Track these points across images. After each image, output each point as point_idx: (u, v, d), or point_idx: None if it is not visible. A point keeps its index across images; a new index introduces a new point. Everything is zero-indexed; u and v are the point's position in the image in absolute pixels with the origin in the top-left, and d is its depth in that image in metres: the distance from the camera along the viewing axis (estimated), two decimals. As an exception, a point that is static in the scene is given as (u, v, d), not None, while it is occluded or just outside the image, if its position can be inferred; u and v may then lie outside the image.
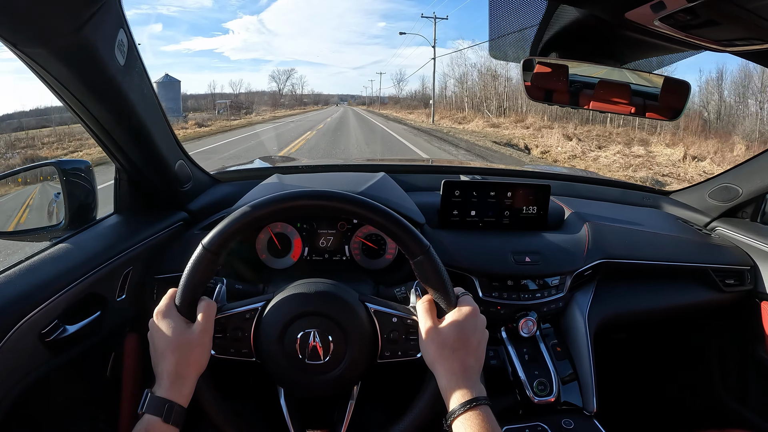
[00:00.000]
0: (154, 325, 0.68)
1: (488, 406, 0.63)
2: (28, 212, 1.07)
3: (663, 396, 1.56)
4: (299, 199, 0.69)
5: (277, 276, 1.03)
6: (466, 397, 0.63)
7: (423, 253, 0.69)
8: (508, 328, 1.08)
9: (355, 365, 0.72)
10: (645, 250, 1.22)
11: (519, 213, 1.21)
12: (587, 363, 1.04)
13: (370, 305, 0.73)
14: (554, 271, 1.08)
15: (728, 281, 1.27)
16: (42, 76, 0.71)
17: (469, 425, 0.61)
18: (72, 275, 0.80)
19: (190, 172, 1.16)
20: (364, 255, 1.12)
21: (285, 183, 1.19)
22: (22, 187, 1.06)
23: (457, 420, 0.62)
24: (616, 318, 1.17)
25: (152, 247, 0.99)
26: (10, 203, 1.06)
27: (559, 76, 0.91)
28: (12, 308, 0.69)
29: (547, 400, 0.99)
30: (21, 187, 1.06)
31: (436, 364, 0.67)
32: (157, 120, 0.94)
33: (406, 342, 0.72)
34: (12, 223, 1.04)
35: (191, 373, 0.67)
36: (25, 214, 1.07)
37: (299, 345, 0.70)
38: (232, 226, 0.68)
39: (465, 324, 0.68)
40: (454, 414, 0.62)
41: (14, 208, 1.06)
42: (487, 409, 0.63)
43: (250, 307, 0.73)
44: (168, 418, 0.63)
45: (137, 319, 0.98)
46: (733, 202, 1.41)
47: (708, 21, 0.71)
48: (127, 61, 0.77)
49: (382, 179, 1.22)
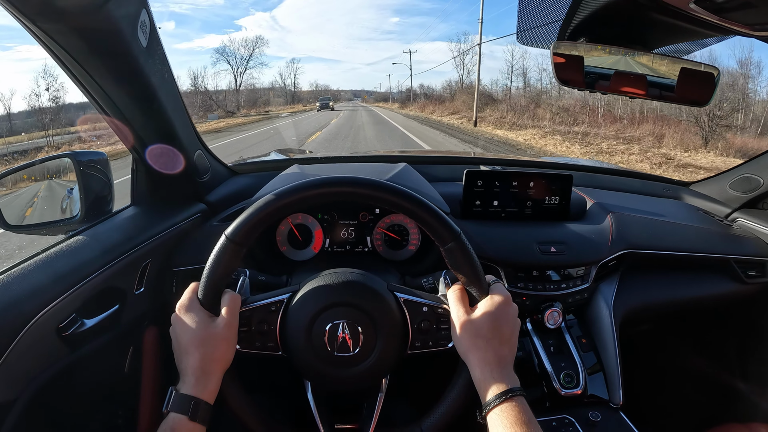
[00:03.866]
0: (177, 320, 0.66)
1: (524, 397, 0.62)
2: (43, 205, 1.06)
3: (685, 388, 1.55)
4: (323, 187, 0.67)
5: (298, 268, 1.01)
6: (501, 388, 0.61)
7: (454, 239, 0.67)
8: (533, 320, 1.06)
9: (385, 357, 0.70)
10: (668, 241, 1.21)
11: (541, 203, 1.19)
12: (613, 355, 1.03)
13: (399, 294, 0.71)
14: (580, 261, 1.07)
15: (750, 272, 1.25)
16: (60, 57, 0.69)
17: (506, 417, 0.59)
18: (89, 268, 0.78)
19: (208, 163, 1.14)
20: (386, 246, 1.11)
21: (306, 173, 1.17)
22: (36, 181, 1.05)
23: (493, 412, 0.60)
24: (640, 309, 1.15)
25: (170, 238, 0.98)
26: (25, 197, 1.04)
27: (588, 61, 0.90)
28: (28, 302, 0.68)
29: (574, 393, 0.97)
30: (35, 181, 1.05)
31: (469, 354, 0.66)
32: (177, 108, 0.93)
33: (437, 332, 0.71)
34: (26, 216, 1.03)
35: (217, 368, 0.65)
36: (39, 207, 1.05)
37: (328, 337, 0.68)
38: (256, 216, 0.66)
39: (498, 312, 0.66)
40: (490, 405, 0.61)
41: (28, 201, 1.04)
42: (523, 400, 0.61)
43: (276, 299, 0.71)
44: (194, 416, 0.61)
45: (156, 312, 0.97)
46: (754, 192, 1.38)
47: (744, 3, 0.69)
48: (149, 44, 0.75)
49: (405, 169, 1.20)
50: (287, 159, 1.51)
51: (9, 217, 0.91)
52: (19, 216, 1.03)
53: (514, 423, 0.58)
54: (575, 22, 0.86)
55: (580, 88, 0.92)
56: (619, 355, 1.03)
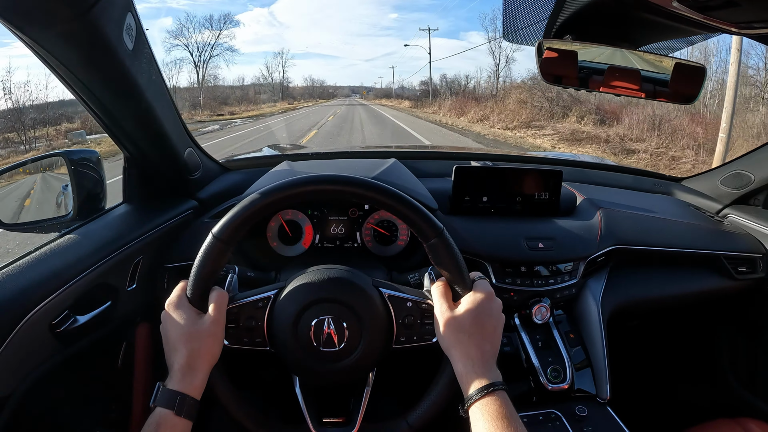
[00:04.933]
0: (166, 317, 0.68)
1: (505, 392, 0.63)
2: (35, 204, 1.07)
3: (674, 384, 1.56)
4: (308, 185, 0.68)
5: (288, 264, 1.02)
6: (482, 383, 0.62)
7: (437, 235, 0.68)
8: (521, 315, 1.07)
9: (370, 352, 0.71)
10: (657, 237, 1.21)
11: (531, 199, 1.19)
12: (600, 350, 1.03)
13: (384, 290, 0.72)
14: (568, 257, 1.07)
15: (740, 269, 1.26)
16: (48, 62, 0.70)
17: (487, 411, 0.60)
18: (81, 265, 0.79)
19: (200, 160, 1.15)
20: (376, 242, 1.12)
21: (295, 170, 1.18)
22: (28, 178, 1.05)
23: (474, 405, 0.61)
24: (628, 305, 1.16)
25: (162, 235, 0.98)
26: (17, 195, 1.05)
27: (572, 59, 0.90)
28: (21, 299, 0.69)
29: (561, 387, 0.98)
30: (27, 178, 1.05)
31: (452, 349, 0.67)
32: (166, 106, 0.93)
33: (422, 327, 0.72)
34: (18, 214, 1.04)
35: (203, 364, 0.66)
36: (31, 205, 1.06)
37: (313, 332, 0.69)
38: (242, 214, 0.67)
39: (481, 308, 0.67)
40: (471, 399, 0.62)
41: (21, 199, 1.05)
42: (504, 395, 0.62)
43: (263, 295, 0.72)
44: (180, 410, 0.62)
45: (148, 308, 0.98)
46: (745, 189, 1.39)
47: (728, 2, 0.69)
48: (135, 46, 0.76)
49: (394, 165, 1.21)
50: (278, 155, 1.52)
51: (1, 215, 0.92)
52: (13, 213, 1.05)
53: (496, 417, 0.59)
54: (561, 20, 0.86)
55: (569, 87, 0.93)
56: (607, 351, 1.03)
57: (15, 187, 1.04)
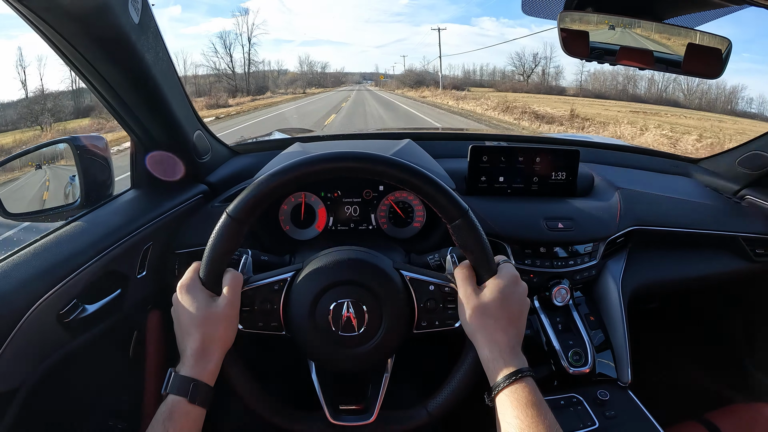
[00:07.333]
0: (178, 300, 0.65)
1: (532, 378, 0.61)
2: (43, 192, 1.05)
3: (691, 367, 1.54)
4: (331, 162, 0.65)
5: (302, 247, 1.00)
6: (510, 369, 0.60)
7: (462, 216, 0.66)
8: (540, 297, 1.05)
9: (390, 336, 0.68)
10: (676, 218, 1.19)
11: (548, 179, 1.17)
12: (621, 333, 1.02)
13: (405, 273, 0.70)
14: (588, 238, 1.05)
15: (759, 251, 1.24)
16: (51, 38, 0.67)
17: (515, 398, 0.58)
18: (89, 252, 0.77)
19: (209, 143, 1.12)
20: (391, 223, 1.10)
21: (308, 151, 1.15)
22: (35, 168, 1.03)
23: (502, 393, 0.59)
24: (648, 287, 1.14)
25: (171, 221, 0.96)
26: (23, 184, 1.03)
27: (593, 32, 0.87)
28: (27, 289, 0.67)
29: (582, 371, 0.96)
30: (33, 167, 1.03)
31: (477, 334, 0.64)
32: (173, 86, 0.91)
33: (444, 311, 0.69)
34: (26, 203, 1.01)
35: (217, 349, 0.64)
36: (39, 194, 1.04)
37: (332, 316, 0.66)
38: (258, 192, 0.64)
39: (507, 292, 0.65)
40: (499, 387, 0.60)
41: (28, 188, 1.03)
42: (532, 381, 0.60)
43: (279, 277, 0.69)
44: (193, 398, 0.60)
45: (159, 295, 0.96)
46: (763, 169, 1.35)
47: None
48: (141, 20, 0.73)
49: (408, 145, 1.18)
50: (289, 138, 1.49)
51: (8, 205, 0.90)
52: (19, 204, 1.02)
53: (525, 405, 0.57)
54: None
55: (589, 59, 0.90)
56: (628, 334, 1.02)
57: (23, 177, 1.02)
